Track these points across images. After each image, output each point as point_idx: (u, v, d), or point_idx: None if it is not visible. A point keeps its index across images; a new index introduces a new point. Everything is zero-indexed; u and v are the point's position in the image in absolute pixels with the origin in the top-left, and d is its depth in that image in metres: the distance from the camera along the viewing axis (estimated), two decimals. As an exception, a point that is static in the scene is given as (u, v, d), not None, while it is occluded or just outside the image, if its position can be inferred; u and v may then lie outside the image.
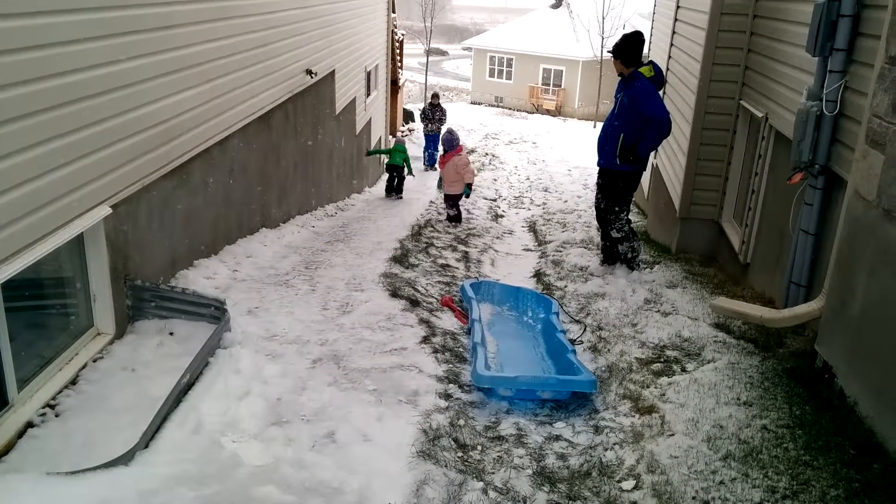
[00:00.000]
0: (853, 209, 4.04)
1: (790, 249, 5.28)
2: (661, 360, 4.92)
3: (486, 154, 20.97)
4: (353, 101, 12.50)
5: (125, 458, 3.35)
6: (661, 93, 6.72)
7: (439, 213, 11.03)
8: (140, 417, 3.64)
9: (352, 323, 5.44)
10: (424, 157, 18.69)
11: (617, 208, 6.87)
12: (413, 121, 25.36)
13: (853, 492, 3.21)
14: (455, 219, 10.56)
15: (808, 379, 4.27)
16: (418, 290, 6.49)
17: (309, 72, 8.89)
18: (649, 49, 13.30)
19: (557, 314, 5.98)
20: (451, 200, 10.54)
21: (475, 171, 10.59)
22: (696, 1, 8.41)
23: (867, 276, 3.79)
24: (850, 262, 4.02)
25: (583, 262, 7.79)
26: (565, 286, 7.03)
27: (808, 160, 4.93)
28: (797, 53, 5.54)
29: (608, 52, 7.05)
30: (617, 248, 7.06)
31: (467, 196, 10.63)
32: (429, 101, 19.50)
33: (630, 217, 7.08)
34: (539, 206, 13.49)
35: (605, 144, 6.71)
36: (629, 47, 6.55)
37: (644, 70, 6.46)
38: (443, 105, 19.25)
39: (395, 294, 6.14)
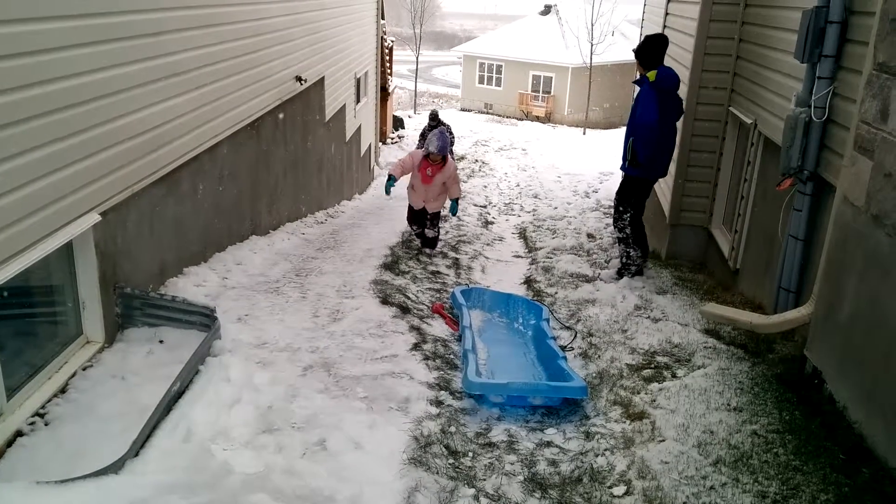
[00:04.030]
0: (842, 215, 4.07)
1: (779, 255, 5.31)
2: (652, 366, 4.93)
3: (476, 161, 21.00)
4: (343, 107, 12.49)
5: (115, 467, 3.33)
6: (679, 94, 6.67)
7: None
8: (130, 426, 3.62)
9: (343, 330, 5.43)
10: None
11: (621, 208, 6.95)
12: (403, 127, 25.38)
13: (843, 497, 3.23)
14: (434, 242, 8.72)
15: (797, 384, 4.29)
16: (409, 297, 6.48)
17: (298, 79, 8.88)
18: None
19: (548, 320, 5.98)
20: (434, 220, 8.55)
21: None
22: (684, 8, 8.47)
23: (856, 282, 3.81)
24: (839, 267, 4.05)
25: (573, 268, 7.81)
26: (556, 292, 7.04)
27: (796, 166, 4.96)
28: (786, 60, 5.58)
29: (633, 50, 7.03)
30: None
31: (454, 213, 8.62)
32: (427, 122, 15.23)
33: (641, 226, 7.04)
34: (529, 212, 13.51)
35: (623, 148, 6.79)
36: (645, 50, 6.58)
37: (650, 74, 6.47)
38: (445, 122, 15.04)
39: (385, 301, 6.13)
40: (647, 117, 6.42)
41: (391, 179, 8.03)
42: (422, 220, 8.52)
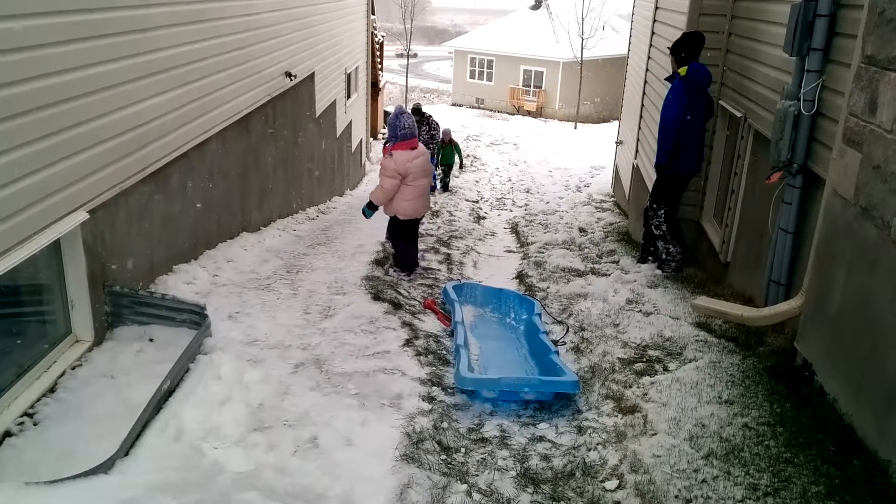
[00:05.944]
0: (831, 208, 4.08)
1: (769, 248, 5.32)
2: (644, 359, 4.94)
3: (468, 156, 20.98)
4: (334, 103, 12.46)
5: (105, 467, 3.30)
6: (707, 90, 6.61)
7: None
8: (120, 425, 3.60)
9: (334, 327, 5.41)
10: None
11: (655, 205, 6.85)
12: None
13: (833, 488, 3.24)
14: (396, 259, 7.37)
15: (788, 377, 4.30)
16: (401, 293, 6.47)
17: (288, 74, 8.85)
18: (628, 50, 13.38)
19: (540, 315, 5.98)
20: (399, 229, 7.20)
21: (396, 179, 6.83)
22: (674, 2, 8.46)
23: (845, 274, 3.82)
24: (828, 260, 4.06)
25: (565, 262, 7.82)
26: (547, 287, 7.05)
27: (786, 159, 4.97)
28: (775, 53, 5.58)
29: (667, 47, 6.99)
30: (654, 248, 7.08)
31: (367, 216, 7.10)
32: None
33: (675, 224, 6.92)
34: (521, 207, 13.52)
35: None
36: (678, 45, 6.55)
37: (681, 70, 6.43)
38: (429, 114, 14.31)
39: (377, 297, 6.12)
40: (670, 112, 6.41)
41: None
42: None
